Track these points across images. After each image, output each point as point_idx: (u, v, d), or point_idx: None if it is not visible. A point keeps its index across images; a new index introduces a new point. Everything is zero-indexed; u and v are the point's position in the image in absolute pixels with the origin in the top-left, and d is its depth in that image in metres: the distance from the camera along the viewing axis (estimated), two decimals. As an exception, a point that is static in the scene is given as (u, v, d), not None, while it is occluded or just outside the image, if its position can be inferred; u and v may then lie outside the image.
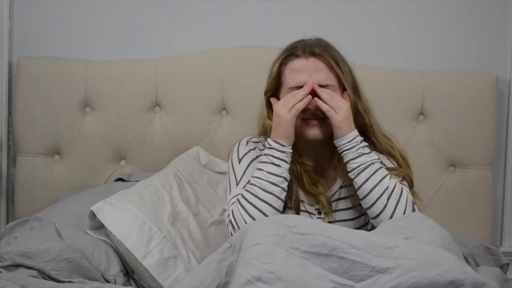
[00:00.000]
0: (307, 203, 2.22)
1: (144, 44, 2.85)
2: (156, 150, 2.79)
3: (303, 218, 1.93)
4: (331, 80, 2.17)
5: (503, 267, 2.50)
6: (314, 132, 2.17)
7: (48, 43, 2.84)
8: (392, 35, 2.88)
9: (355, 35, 2.86)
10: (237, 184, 2.19)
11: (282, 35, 2.53)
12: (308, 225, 1.86)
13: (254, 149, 2.24)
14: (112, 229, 2.29)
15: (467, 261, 2.26)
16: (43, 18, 2.84)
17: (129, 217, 2.32)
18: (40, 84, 2.76)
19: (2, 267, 2.17)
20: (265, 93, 2.23)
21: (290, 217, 1.89)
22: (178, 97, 2.78)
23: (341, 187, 2.24)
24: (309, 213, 2.21)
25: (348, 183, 2.21)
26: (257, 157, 2.21)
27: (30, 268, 2.15)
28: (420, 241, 1.89)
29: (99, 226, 2.32)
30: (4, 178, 2.83)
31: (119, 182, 2.70)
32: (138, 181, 2.61)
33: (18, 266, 2.16)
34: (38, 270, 2.14)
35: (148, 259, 2.27)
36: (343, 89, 2.19)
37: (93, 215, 2.31)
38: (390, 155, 2.24)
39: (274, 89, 2.22)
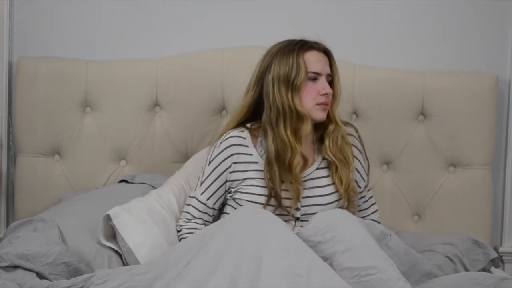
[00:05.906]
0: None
1: (144, 44, 2.85)
2: (156, 150, 2.79)
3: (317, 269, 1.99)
4: None
5: (495, 261, 2.48)
6: (324, 114, 2.35)
7: (48, 43, 2.84)
8: (392, 35, 2.87)
9: (355, 35, 2.86)
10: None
11: (282, 35, 2.52)
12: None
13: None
14: (126, 238, 2.27)
15: (453, 262, 2.34)
16: (43, 18, 2.84)
17: (144, 230, 2.30)
18: (40, 84, 2.76)
19: (1, 267, 2.16)
20: (300, 85, 2.32)
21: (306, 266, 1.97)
22: (178, 97, 2.78)
23: (323, 159, 2.40)
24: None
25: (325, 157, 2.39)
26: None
27: (29, 270, 2.14)
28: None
29: (109, 234, 2.31)
30: (4, 178, 2.83)
31: (123, 184, 2.69)
32: (142, 183, 2.61)
33: (16, 267, 2.16)
34: (37, 273, 2.14)
35: None
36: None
37: (107, 220, 2.29)
38: None
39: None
